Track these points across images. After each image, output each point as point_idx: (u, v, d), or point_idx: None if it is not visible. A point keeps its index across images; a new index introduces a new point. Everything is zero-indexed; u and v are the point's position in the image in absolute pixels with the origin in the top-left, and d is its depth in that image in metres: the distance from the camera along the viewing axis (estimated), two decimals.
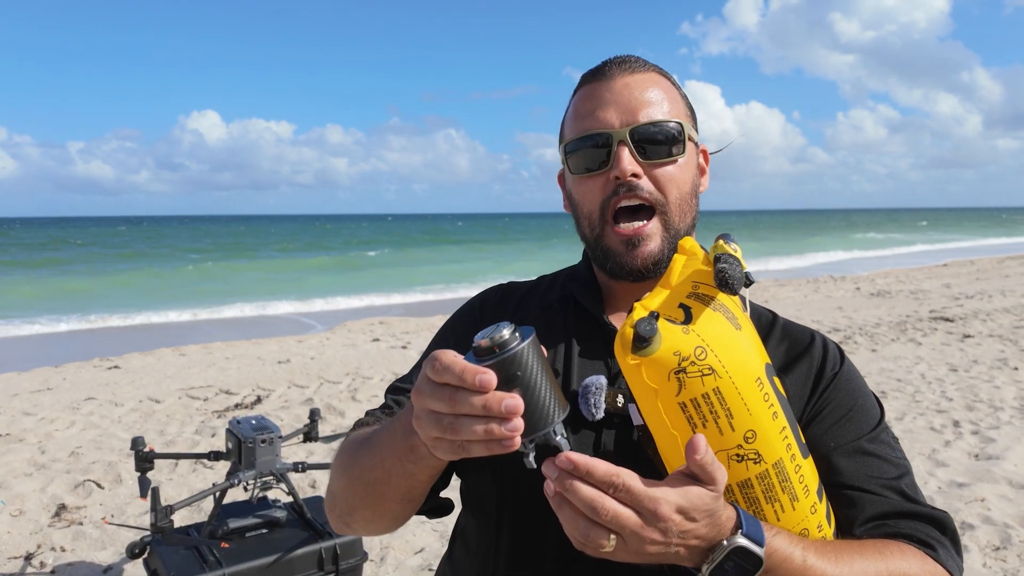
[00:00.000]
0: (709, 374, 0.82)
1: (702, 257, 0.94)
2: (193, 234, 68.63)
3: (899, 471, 1.02)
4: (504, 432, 0.72)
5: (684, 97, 1.10)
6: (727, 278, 0.85)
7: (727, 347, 0.85)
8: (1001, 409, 5.73)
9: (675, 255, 0.94)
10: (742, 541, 0.80)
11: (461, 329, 1.16)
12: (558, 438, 0.79)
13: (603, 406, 0.99)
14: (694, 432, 0.83)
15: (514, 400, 0.72)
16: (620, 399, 0.99)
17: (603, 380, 1.00)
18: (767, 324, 1.11)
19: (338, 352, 9.21)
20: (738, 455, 0.85)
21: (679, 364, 0.82)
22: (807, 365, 1.06)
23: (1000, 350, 7.92)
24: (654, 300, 0.89)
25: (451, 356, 0.74)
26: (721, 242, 0.93)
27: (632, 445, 0.99)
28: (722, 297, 0.90)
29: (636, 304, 0.87)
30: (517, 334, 0.76)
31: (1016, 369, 7.00)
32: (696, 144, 1.11)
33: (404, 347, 9.32)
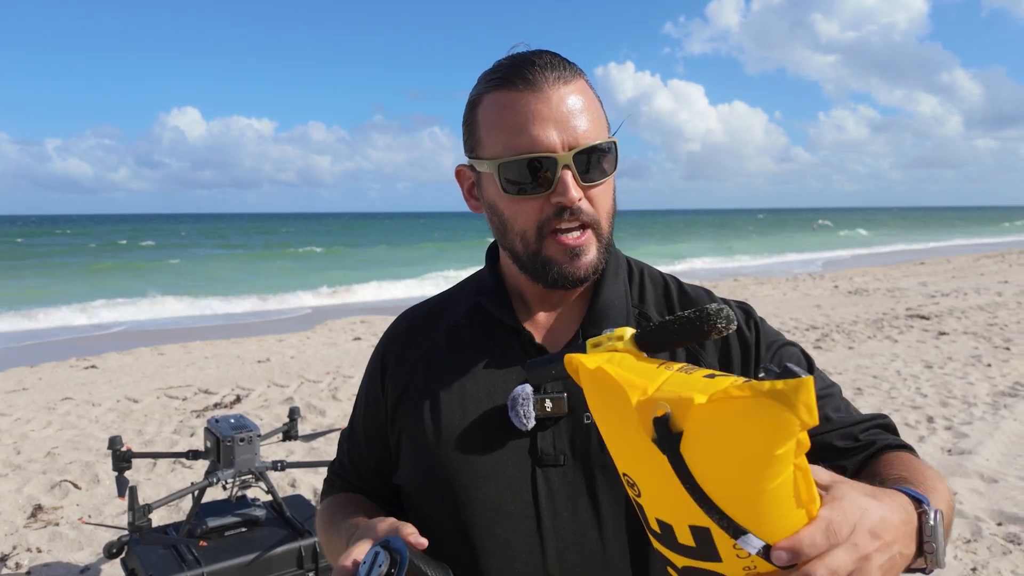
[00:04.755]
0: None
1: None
2: (173, 233, 67.95)
3: (837, 390, 1.09)
4: None
5: (599, 98, 1.08)
6: (718, 321, 0.74)
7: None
8: (974, 405, 5.83)
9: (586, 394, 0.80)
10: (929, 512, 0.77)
11: (373, 396, 1.17)
12: None
13: (533, 414, 1.00)
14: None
15: None
16: (548, 404, 1.00)
17: (529, 389, 1.01)
18: (679, 294, 1.15)
19: (319, 351, 9.18)
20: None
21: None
22: (726, 339, 1.09)
23: (974, 347, 8.04)
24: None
25: None
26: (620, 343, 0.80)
27: (566, 446, 1.01)
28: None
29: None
30: (394, 570, 0.81)
31: (989, 366, 7.11)
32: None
33: None
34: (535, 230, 1.02)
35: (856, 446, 1.02)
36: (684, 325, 0.76)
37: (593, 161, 1.00)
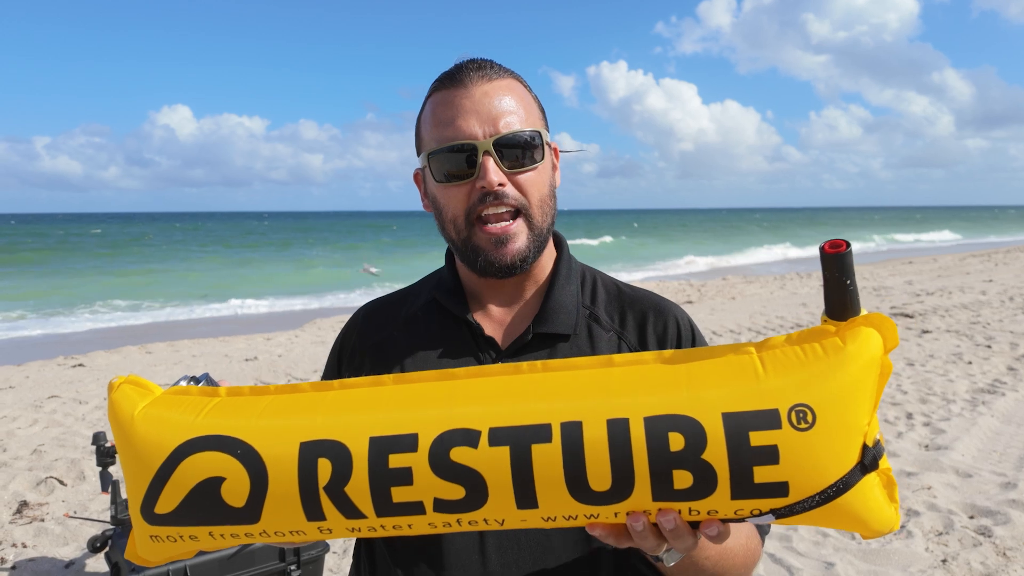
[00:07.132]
0: None
1: None
2: (164, 232, 67.63)
3: None
4: None
5: (536, 100, 1.15)
6: None
7: None
8: (953, 402, 5.91)
9: None
10: None
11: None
12: None
13: None
14: None
15: None
16: None
17: None
18: (629, 298, 1.20)
19: (307, 349, 9.20)
20: None
21: None
22: (664, 337, 1.16)
23: (956, 345, 8.14)
24: None
25: None
26: None
27: None
28: None
29: None
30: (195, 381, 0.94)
31: (970, 363, 7.21)
32: (549, 145, 1.15)
33: None
34: (464, 216, 1.09)
35: None
36: None
37: (517, 149, 1.07)
